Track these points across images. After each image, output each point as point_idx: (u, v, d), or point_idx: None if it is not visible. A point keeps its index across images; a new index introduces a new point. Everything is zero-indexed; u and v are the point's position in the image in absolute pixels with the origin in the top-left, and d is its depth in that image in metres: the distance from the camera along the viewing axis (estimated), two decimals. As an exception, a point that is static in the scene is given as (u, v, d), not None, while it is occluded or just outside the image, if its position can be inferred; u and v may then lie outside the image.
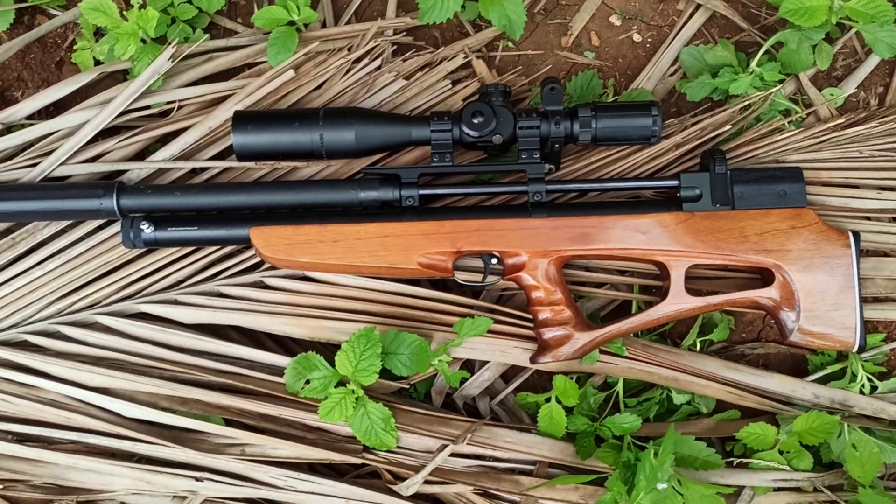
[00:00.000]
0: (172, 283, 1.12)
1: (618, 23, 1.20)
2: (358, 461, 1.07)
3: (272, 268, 1.11)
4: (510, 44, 1.20)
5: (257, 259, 1.11)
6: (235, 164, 1.10)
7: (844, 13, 1.04)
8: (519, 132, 1.03)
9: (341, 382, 1.04)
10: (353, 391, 1.03)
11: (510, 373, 1.16)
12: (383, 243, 1.03)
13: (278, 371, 1.08)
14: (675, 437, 1.00)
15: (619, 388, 1.11)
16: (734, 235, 1.03)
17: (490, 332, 1.07)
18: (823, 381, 1.11)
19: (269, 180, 1.11)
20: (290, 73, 1.11)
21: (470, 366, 1.16)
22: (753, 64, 1.09)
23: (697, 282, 1.10)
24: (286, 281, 1.11)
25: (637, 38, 1.20)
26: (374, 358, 1.01)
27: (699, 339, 1.13)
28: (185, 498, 1.10)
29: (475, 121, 1.02)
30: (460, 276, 1.07)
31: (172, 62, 1.09)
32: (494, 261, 1.05)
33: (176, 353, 1.09)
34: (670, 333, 1.17)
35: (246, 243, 1.04)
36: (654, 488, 0.95)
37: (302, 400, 1.06)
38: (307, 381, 1.05)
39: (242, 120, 1.03)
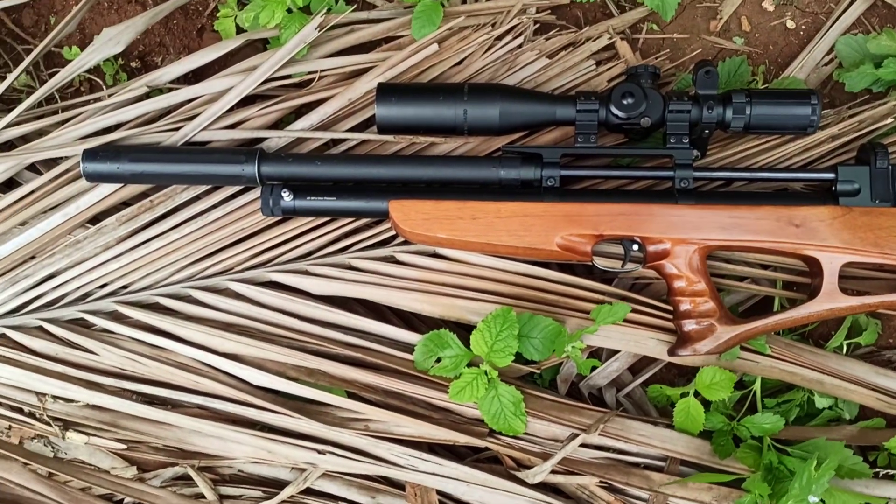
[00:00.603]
0: (304, 253, 1.12)
1: (771, 8, 1.15)
2: (481, 444, 1.05)
3: (404, 242, 1.10)
4: (655, 26, 1.17)
5: (389, 233, 1.10)
6: (374, 136, 1.09)
7: None
8: (668, 116, 1.00)
9: (473, 363, 1.02)
10: (485, 372, 1.01)
11: (638, 365, 1.13)
12: (523, 223, 1.01)
13: (406, 347, 1.07)
14: (829, 446, 0.96)
15: (757, 387, 1.07)
16: (895, 234, 0.97)
17: (625, 321, 1.04)
18: (983, 394, 1.04)
19: (408, 154, 1.10)
20: (434, 46, 1.10)
21: (596, 356, 1.13)
22: (926, 54, 1.04)
23: (846, 281, 1.05)
24: (417, 257, 1.09)
25: (791, 24, 1.15)
26: (510, 339, 0.99)
27: (845, 342, 1.08)
28: (304, 470, 1.09)
29: (625, 101, 0.99)
30: (599, 262, 1.04)
31: (319, 31, 1.09)
32: (635, 247, 1.01)
33: (305, 324, 1.09)
34: (811, 334, 1.12)
35: (383, 216, 1.03)
36: (805, 500, 0.90)
37: (430, 378, 1.05)
38: (437, 359, 1.03)
39: (386, 92, 1.02)
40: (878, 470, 1.02)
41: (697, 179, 1.02)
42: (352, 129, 1.12)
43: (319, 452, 1.06)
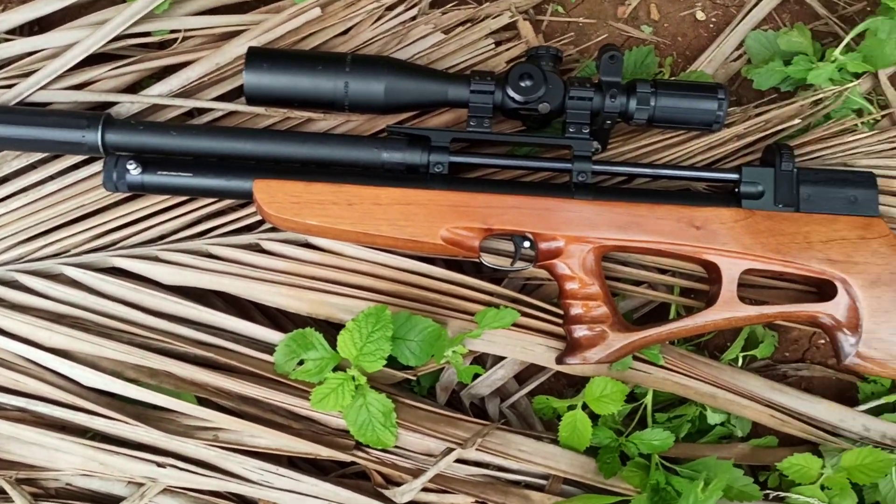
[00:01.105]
0: (155, 236, 0.98)
1: (681, -3, 1.09)
2: (346, 459, 0.94)
3: (271, 229, 0.98)
4: (560, 8, 1.08)
5: (254, 218, 0.98)
6: (243, 107, 0.97)
7: (941, 5, 0.93)
8: (568, 103, 0.91)
9: (340, 367, 0.91)
10: (353, 378, 0.89)
11: (525, 373, 1.04)
12: (405, 212, 0.90)
13: (267, 348, 0.95)
14: (719, 465, 0.90)
15: (649, 400, 1.00)
16: (797, 241, 0.92)
17: (513, 325, 0.95)
18: (874, 412, 1.00)
19: (279, 130, 0.98)
20: (316, 11, 0.98)
21: (481, 361, 1.03)
22: (837, 52, 0.98)
23: (744, 290, 0.99)
24: (286, 246, 0.97)
25: (701, 16, 1.09)
26: (382, 341, 0.88)
27: (741, 355, 1.01)
28: (141, 485, 0.95)
29: (523, 84, 0.90)
30: (486, 258, 0.94)
31: (182, -17, 0.96)
32: (527, 244, 0.93)
33: (150, 318, 0.95)
34: (706, 345, 1.05)
35: (246, 198, 0.91)
36: (692, 522, 0.83)
37: (291, 383, 0.93)
38: (300, 362, 0.92)
39: (258, 57, 0.90)
40: (768, 491, 0.96)
41: (597, 173, 0.95)
42: (219, 98, 0.99)
43: (159, 465, 0.92)
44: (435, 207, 0.91)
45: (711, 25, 1.08)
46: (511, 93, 0.90)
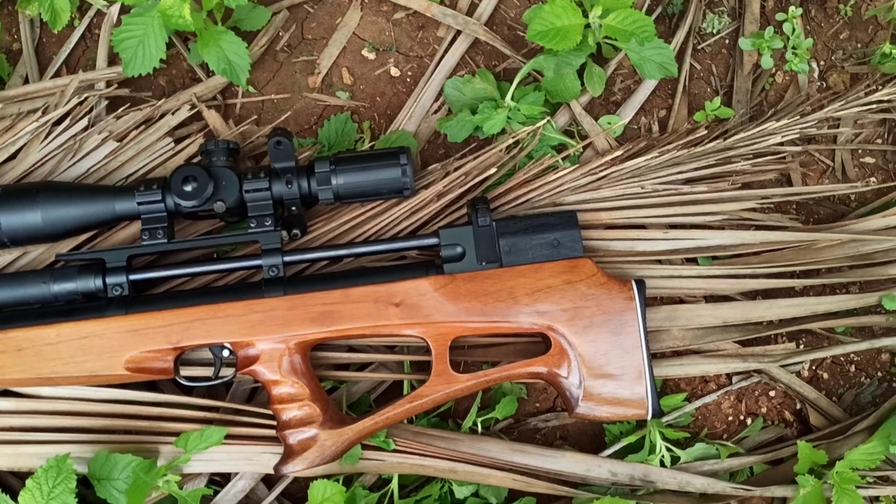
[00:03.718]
0: None
1: (371, 56, 1.04)
2: None
3: (-41, 382, 0.91)
4: (251, 88, 1.03)
5: (-58, 372, 0.91)
6: None
7: (605, 32, 0.89)
8: (246, 196, 0.86)
9: (39, 524, 0.85)
10: (48, 537, 0.83)
11: (274, 476, 0.98)
12: (82, 346, 0.85)
13: (-26, 512, 0.88)
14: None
15: (394, 485, 0.94)
16: (502, 298, 0.87)
17: (232, 437, 0.89)
18: (622, 453, 0.96)
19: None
20: (-33, 143, 0.92)
21: (225, 473, 0.98)
22: (508, 98, 0.94)
23: (474, 351, 0.95)
24: (-23, 398, 0.91)
25: (395, 71, 1.03)
26: (66, 495, 0.81)
27: (480, 418, 0.96)
28: None
29: (187, 188, 0.85)
30: (186, 375, 0.89)
31: None
32: (226, 353, 0.87)
33: None
34: (455, 412, 1.00)
35: None
36: None
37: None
38: (-5, 527, 0.85)
39: None
40: (528, 557, 0.92)
41: (290, 264, 0.89)
42: None
43: None
44: (113, 336, 0.85)
45: (408, 79, 1.03)
46: (177, 199, 0.85)
